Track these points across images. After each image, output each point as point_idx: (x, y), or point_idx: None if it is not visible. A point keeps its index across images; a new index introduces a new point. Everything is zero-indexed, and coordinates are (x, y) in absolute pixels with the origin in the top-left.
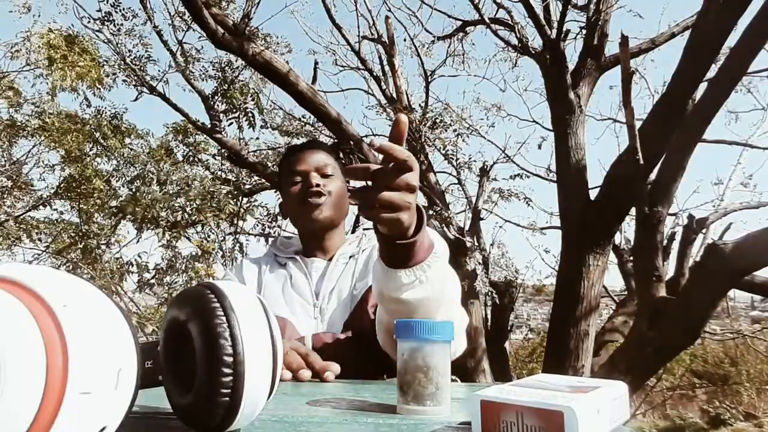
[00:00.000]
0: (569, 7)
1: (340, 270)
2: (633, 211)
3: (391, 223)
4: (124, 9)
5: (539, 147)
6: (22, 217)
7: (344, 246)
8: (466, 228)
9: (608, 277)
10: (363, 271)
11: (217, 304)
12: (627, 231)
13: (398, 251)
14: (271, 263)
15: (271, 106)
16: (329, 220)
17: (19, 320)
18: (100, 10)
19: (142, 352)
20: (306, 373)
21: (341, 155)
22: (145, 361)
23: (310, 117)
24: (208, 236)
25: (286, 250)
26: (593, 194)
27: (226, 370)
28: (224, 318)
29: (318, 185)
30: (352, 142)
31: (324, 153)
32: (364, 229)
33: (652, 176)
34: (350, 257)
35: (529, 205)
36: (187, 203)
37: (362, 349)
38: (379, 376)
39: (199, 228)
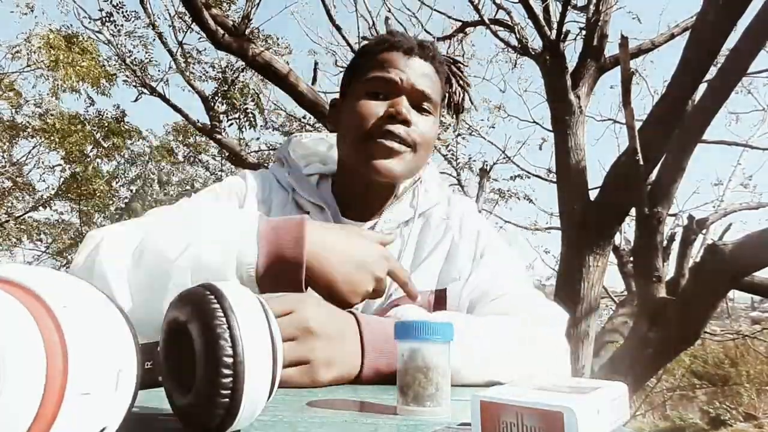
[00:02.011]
0: (569, 8)
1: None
2: (633, 211)
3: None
4: (126, 11)
5: (540, 148)
6: (22, 218)
7: (393, 205)
8: None
9: (608, 277)
10: (419, 253)
11: (217, 305)
12: (627, 231)
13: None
14: (286, 204)
15: (271, 106)
16: (400, 178)
17: (18, 321)
18: (101, 10)
19: (141, 353)
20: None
21: (452, 83)
22: (145, 362)
23: (311, 118)
24: None
25: (309, 186)
26: (593, 195)
27: (226, 371)
28: (224, 319)
29: (407, 122)
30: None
31: (434, 71)
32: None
33: (652, 177)
34: (400, 224)
35: (531, 201)
36: None
37: None
38: None
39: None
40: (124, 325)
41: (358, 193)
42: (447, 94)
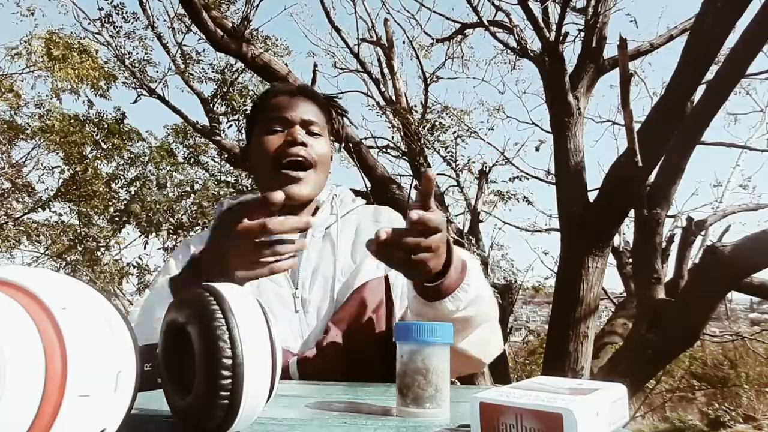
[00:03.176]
0: (568, 9)
1: (317, 247)
2: (632, 213)
3: (421, 275)
4: (125, 12)
5: (537, 149)
6: (21, 219)
7: (317, 214)
8: (466, 230)
9: (607, 279)
10: (347, 252)
11: (216, 307)
12: (626, 233)
13: (433, 289)
14: None
15: None
16: (306, 198)
17: (18, 323)
18: (101, 9)
19: (141, 355)
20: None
21: (335, 113)
22: (145, 364)
23: None
24: None
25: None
26: (592, 196)
27: (225, 373)
28: (223, 320)
29: (303, 144)
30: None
31: (315, 106)
32: (334, 187)
33: (651, 178)
34: (326, 229)
35: (530, 203)
36: (192, 206)
37: (354, 366)
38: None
39: (198, 230)
40: (124, 326)
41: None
42: (331, 123)
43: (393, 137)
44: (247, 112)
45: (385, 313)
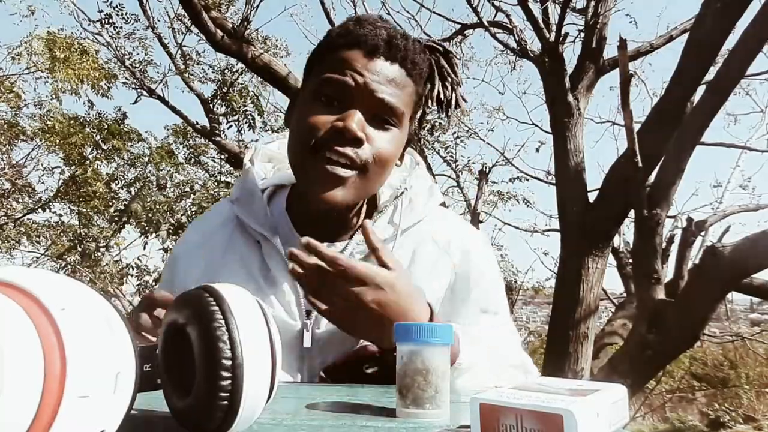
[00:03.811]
0: (568, 10)
1: None
2: (632, 213)
3: (347, 325)
4: (125, 13)
5: (537, 150)
6: (21, 220)
7: (375, 221)
8: None
9: (607, 279)
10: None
11: (216, 308)
12: (626, 233)
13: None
14: (233, 237)
15: (271, 108)
16: (344, 205)
17: (16, 323)
18: (101, 11)
19: (140, 356)
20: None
21: (435, 74)
22: (144, 365)
23: None
24: None
25: (257, 210)
26: (592, 197)
27: (225, 374)
28: (223, 321)
29: (356, 142)
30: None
31: (404, 74)
32: (405, 179)
33: (651, 179)
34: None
35: (528, 206)
36: (192, 206)
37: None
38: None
39: None
40: (123, 327)
41: (317, 218)
42: (433, 90)
43: None
44: (247, 111)
45: None
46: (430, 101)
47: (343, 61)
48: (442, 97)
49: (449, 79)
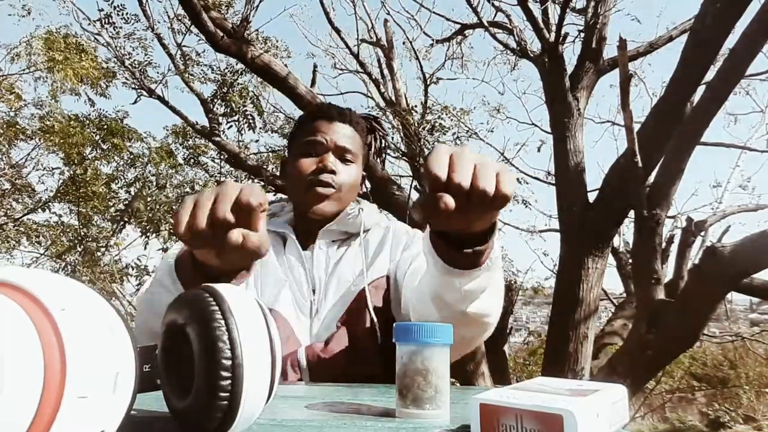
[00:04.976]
0: (568, 10)
1: (338, 256)
2: (632, 213)
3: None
4: (125, 13)
5: (538, 150)
6: (21, 220)
7: (341, 224)
8: None
9: (607, 280)
10: (364, 263)
11: (216, 308)
12: (626, 234)
13: (468, 256)
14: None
15: (270, 109)
16: (330, 215)
17: (16, 324)
18: (101, 10)
19: (140, 356)
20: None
21: (373, 136)
22: (143, 365)
23: None
24: None
25: (275, 223)
26: (592, 197)
27: (225, 374)
28: (222, 321)
29: (333, 172)
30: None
31: (352, 130)
32: (359, 200)
33: (651, 179)
34: (348, 238)
35: (527, 207)
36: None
37: (356, 360)
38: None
39: None
40: (123, 327)
41: (309, 226)
42: (370, 143)
43: (393, 138)
44: (247, 112)
45: (387, 309)
46: (371, 147)
47: (314, 129)
48: (375, 144)
49: (380, 133)
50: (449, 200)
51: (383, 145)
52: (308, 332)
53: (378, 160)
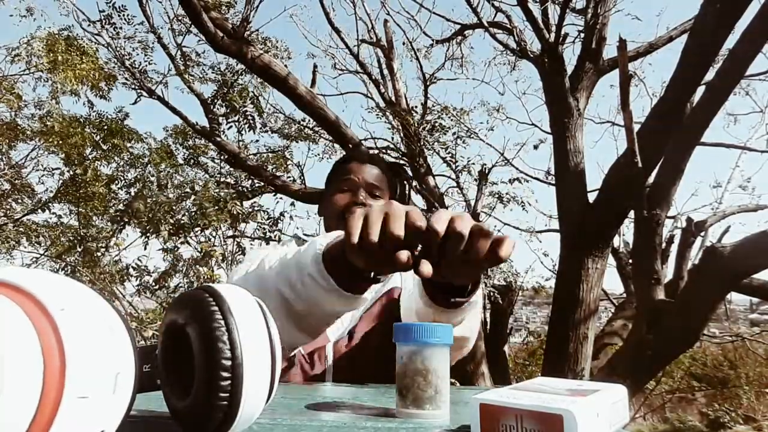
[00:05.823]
0: (567, 11)
1: None
2: (632, 213)
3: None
4: (126, 14)
5: (536, 147)
6: (21, 220)
7: None
8: None
9: (607, 280)
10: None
11: (216, 308)
12: (626, 234)
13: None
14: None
15: (270, 109)
16: None
17: (16, 324)
18: (102, 11)
19: (140, 356)
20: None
21: (398, 179)
22: (143, 365)
23: (310, 120)
24: (208, 239)
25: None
26: (592, 197)
27: (225, 374)
28: (222, 321)
29: (363, 204)
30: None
31: (379, 170)
32: None
33: (651, 179)
34: None
35: (524, 209)
36: (194, 206)
37: (379, 357)
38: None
39: (198, 231)
40: (123, 328)
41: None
42: (395, 186)
43: (393, 138)
44: (247, 112)
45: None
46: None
47: (348, 170)
48: (399, 189)
49: (404, 177)
50: (426, 268)
51: (408, 190)
52: (335, 327)
53: (405, 199)
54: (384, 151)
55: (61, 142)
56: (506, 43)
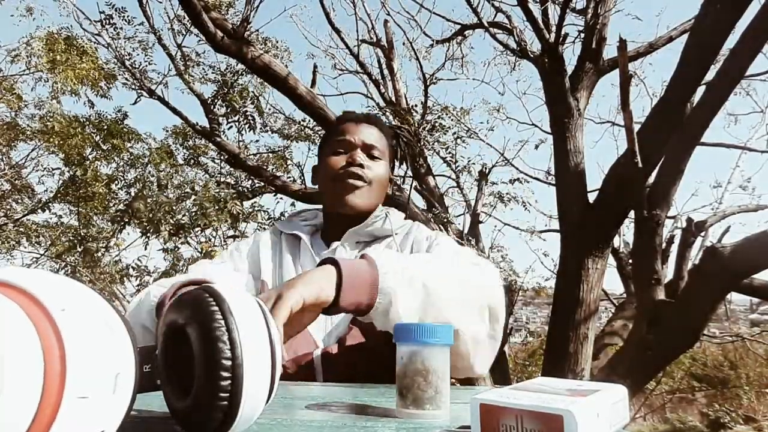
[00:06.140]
0: (568, 11)
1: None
2: (632, 214)
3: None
4: (126, 15)
5: (536, 147)
6: (21, 220)
7: (368, 225)
8: (465, 231)
9: (607, 280)
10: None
11: (216, 308)
12: (626, 234)
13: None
14: (286, 241)
15: (270, 109)
16: (362, 208)
17: (16, 324)
18: (102, 12)
19: (140, 356)
20: None
21: (397, 142)
22: (144, 365)
23: (310, 120)
24: (209, 239)
25: (300, 223)
26: (592, 197)
27: (225, 374)
28: (222, 322)
29: (361, 166)
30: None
31: (378, 131)
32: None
33: (651, 179)
34: (372, 241)
35: (526, 208)
36: (194, 207)
37: (371, 360)
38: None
39: (198, 231)
40: (123, 328)
41: (339, 223)
42: (395, 147)
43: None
44: (247, 112)
45: None
46: (398, 153)
47: (344, 129)
48: (400, 151)
49: (404, 139)
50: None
51: (408, 151)
52: (323, 330)
53: (405, 165)
54: None
55: (61, 142)
56: (506, 43)
